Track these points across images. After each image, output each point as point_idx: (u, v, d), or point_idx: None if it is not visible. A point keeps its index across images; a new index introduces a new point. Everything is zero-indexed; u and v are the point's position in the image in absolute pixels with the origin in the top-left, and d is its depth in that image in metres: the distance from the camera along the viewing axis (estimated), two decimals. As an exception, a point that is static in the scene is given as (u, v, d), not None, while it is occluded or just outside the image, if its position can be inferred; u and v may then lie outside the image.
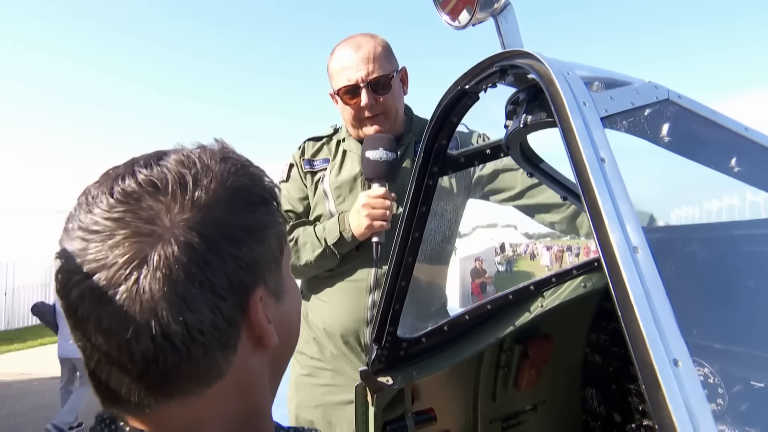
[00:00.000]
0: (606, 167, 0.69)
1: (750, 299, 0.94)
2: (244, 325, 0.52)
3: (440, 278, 2.03)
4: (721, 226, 1.10)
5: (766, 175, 0.90)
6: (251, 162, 0.58)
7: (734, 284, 0.98)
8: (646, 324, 0.58)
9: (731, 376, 0.87)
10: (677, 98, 0.85)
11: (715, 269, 1.05)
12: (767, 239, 1.02)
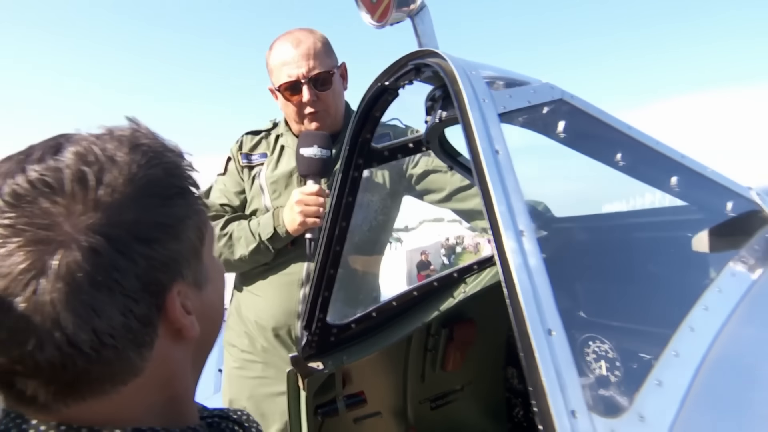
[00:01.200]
0: (500, 158, 0.74)
1: (642, 282, 1.02)
2: (161, 322, 0.50)
3: (374, 268, 2.06)
4: (615, 215, 1.20)
5: (645, 168, 0.98)
6: (167, 146, 0.54)
7: (629, 268, 1.06)
8: (525, 298, 0.63)
9: (626, 350, 0.95)
10: (570, 98, 0.92)
11: (612, 255, 1.13)
12: (655, 227, 1.11)
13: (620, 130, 0.95)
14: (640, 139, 0.96)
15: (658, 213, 1.08)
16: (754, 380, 0.70)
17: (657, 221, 1.08)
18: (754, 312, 0.80)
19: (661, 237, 1.08)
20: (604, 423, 0.59)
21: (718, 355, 0.73)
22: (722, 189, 1.01)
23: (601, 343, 0.99)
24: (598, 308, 0.95)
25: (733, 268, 0.87)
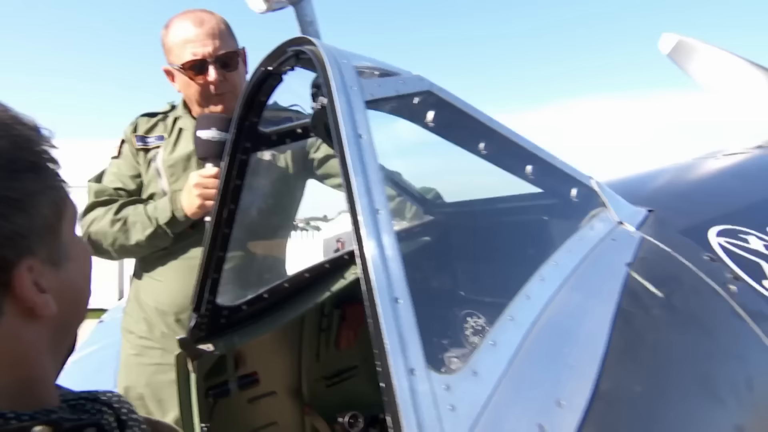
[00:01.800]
0: (362, 142, 0.78)
1: (501, 260, 1.11)
2: (8, 299, 0.48)
3: (276, 252, 2.05)
4: (486, 201, 1.30)
5: (505, 157, 1.07)
6: (19, 119, 0.51)
7: (493, 248, 1.15)
8: (375, 269, 0.67)
9: (478, 319, 1.04)
10: (438, 90, 0.98)
11: (480, 237, 1.22)
12: (515, 211, 1.22)
13: (483, 122, 1.03)
14: (500, 130, 1.05)
15: (519, 199, 1.19)
16: (571, 339, 0.80)
17: (517, 206, 1.19)
18: (582, 282, 0.92)
19: (519, 220, 1.18)
20: (440, 379, 0.65)
21: (548, 319, 0.82)
22: (568, 177, 1.13)
23: (472, 317, 1.08)
24: (471, 285, 1.03)
25: (570, 245, 0.99)
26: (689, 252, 1.08)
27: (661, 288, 0.97)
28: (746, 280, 1.07)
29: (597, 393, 0.74)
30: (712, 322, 0.97)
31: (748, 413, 0.86)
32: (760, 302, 1.03)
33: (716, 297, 1.01)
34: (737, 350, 0.94)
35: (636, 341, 0.86)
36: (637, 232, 1.11)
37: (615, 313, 0.88)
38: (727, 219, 1.25)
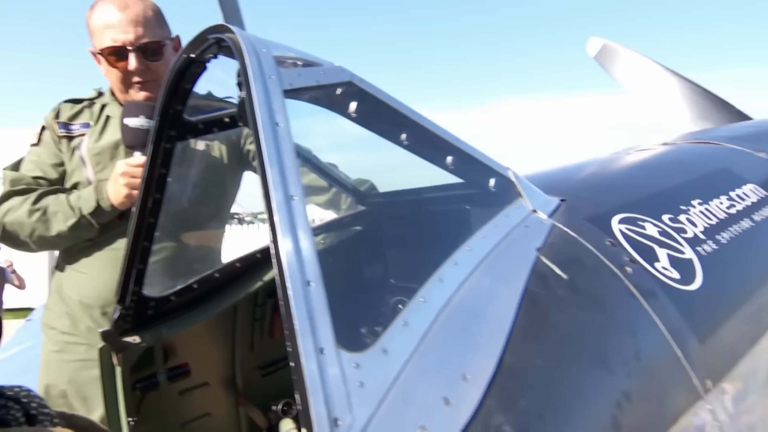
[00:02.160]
0: (279, 130, 0.78)
1: (424, 247, 1.14)
2: None
3: (210, 243, 2.01)
4: (413, 191, 1.33)
5: (426, 148, 1.11)
6: None
7: (419, 237, 1.18)
8: (287, 253, 0.68)
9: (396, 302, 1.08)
10: (359, 81, 1.00)
11: (408, 226, 1.25)
12: (439, 201, 1.26)
13: (405, 114, 1.06)
14: (421, 122, 1.08)
15: (441, 189, 1.23)
16: (480, 318, 0.85)
17: (439, 196, 1.23)
18: (493, 266, 0.97)
19: (440, 209, 1.23)
20: (350, 357, 0.68)
21: (459, 300, 0.86)
22: (487, 168, 1.18)
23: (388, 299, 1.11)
24: (390, 271, 1.06)
25: (485, 232, 1.03)
26: (593, 237, 1.16)
27: (566, 270, 1.04)
28: (641, 262, 1.16)
29: (501, 367, 0.79)
30: (609, 300, 1.05)
31: (635, 380, 0.94)
32: (651, 282, 1.13)
33: (614, 278, 1.09)
34: (629, 325, 1.03)
35: (540, 319, 0.92)
36: (548, 220, 1.18)
37: (522, 293, 0.93)
38: (629, 208, 1.34)
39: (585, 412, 0.84)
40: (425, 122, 1.09)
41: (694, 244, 1.33)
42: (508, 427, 0.74)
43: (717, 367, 1.09)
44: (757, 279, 1.41)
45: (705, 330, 1.14)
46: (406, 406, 0.68)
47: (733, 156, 2.01)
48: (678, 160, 1.96)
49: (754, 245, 1.49)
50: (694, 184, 1.66)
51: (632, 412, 0.90)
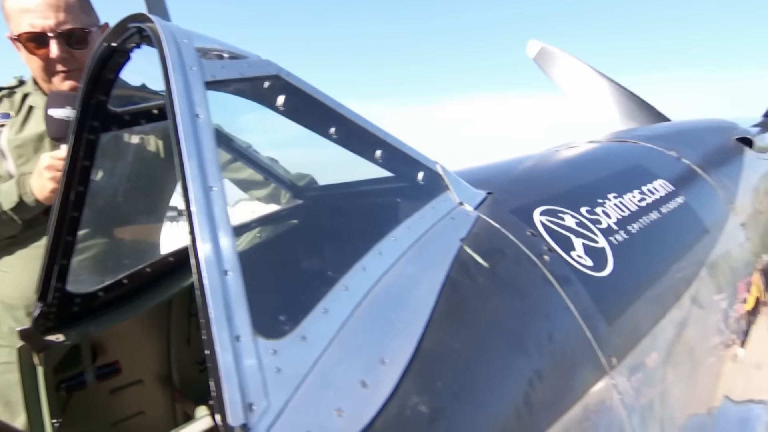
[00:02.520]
0: (199, 122, 0.78)
1: (355, 240, 1.15)
2: None
3: (146, 237, 1.95)
4: (347, 185, 1.35)
5: (356, 142, 1.12)
6: None
7: (347, 229, 1.20)
8: (203, 242, 0.68)
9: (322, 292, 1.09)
10: (286, 75, 1.00)
11: (336, 219, 1.26)
12: (368, 194, 1.28)
13: (333, 108, 1.07)
14: (349, 116, 1.09)
15: (371, 183, 1.25)
16: (401, 305, 0.88)
17: (369, 189, 1.25)
18: (417, 255, 1.00)
19: (369, 202, 1.25)
20: (267, 344, 0.68)
21: (381, 288, 0.89)
22: (415, 162, 1.21)
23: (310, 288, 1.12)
24: (317, 262, 1.07)
25: (410, 223, 1.07)
26: (515, 228, 1.22)
27: (487, 259, 1.09)
28: (558, 251, 1.23)
29: (419, 351, 0.82)
30: (526, 286, 1.11)
31: (547, 360, 1.00)
32: (566, 269, 1.20)
33: (532, 266, 1.15)
34: (544, 309, 1.09)
35: (459, 305, 0.96)
36: (474, 212, 1.23)
37: (444, 281, 0.97)
38: (551, 201, 1.42)
39: (499, 391, 0.89)
40: (354, 117, 1.10)
41: (607, 234, 1.42)
42: (424, 407, 0.77)
43: (622, 345, 1.18)
44: (661, 265, 1.52)
45: (613, 312, 1.22)
46: (324, 390, 0.70)
47: (647, 154, 2.16)
48: (599, 156, 2.08)
49: (660, 235, 1.61)
50: (611, 179, 1.77)
51: (543, 389, 0.96)
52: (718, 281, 1.79)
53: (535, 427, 0.90)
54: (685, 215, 1.85)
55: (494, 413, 0.86)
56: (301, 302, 0.78)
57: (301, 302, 0.78)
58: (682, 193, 1.93)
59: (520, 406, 0.90)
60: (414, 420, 0.75)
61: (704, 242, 1.83)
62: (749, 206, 2.37)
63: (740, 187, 2.38)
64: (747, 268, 2.14)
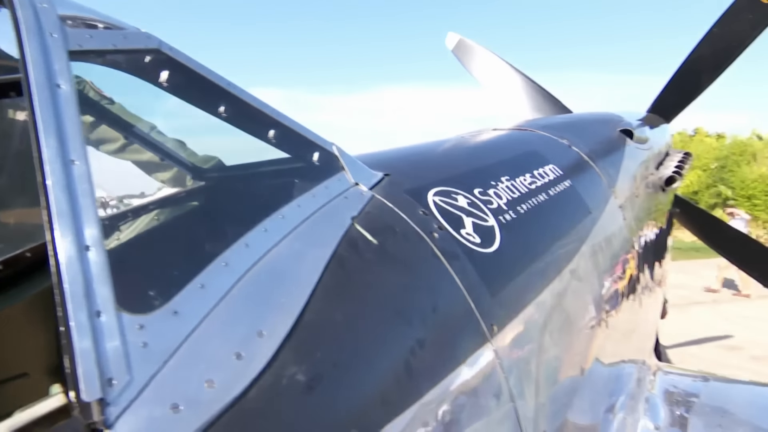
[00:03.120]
0: (60, 92, 0.73)
1: (246, 219, 1.13)
2: None
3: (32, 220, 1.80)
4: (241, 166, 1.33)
5: (250, 122, 1.11)
6: None
7: (239, 209, 1.17)
8: (60, 216, 0.65)
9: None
10: (169, 50, 0.96)
11: (229, 200, 1.22)
12: (263, 175, 1.27)
13: (221, 86, 1.04)
14: (240, 95, 1.07)
15: (265, 164, 1.24)
16: (284, 280, 0.89)
17: (264, 171, 1.24)
18: (306, 232, 1.01)
19: (264, 183, 1.24)
20: (132, 319, 0.67)
21: (265, 264, 0.89)
22: (311, 143, 1.22)
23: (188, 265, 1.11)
24: (201, 241, 1.03)
25: (300, 201, 1.07)
26: (407, 208, 1.27)
27: (377, 236, 1.12)
28: (448, 229, 1.30)
29: (299, 323, 0.84)
30: (414, 262, 1.16)
31: (429, 329, 1.06)
32: (454, 245, 1.27)
33: (422, 242, 1.21)
34: (430, 282, 1.15)
35: (345, 279, 0.99)
36: (369, 192, 1.26)
37: (330, 257, 0.99)
38: (446, 183, 1.49)
39: (379, 358, 0.93)
40: (245, 96, 1.09)
41: (497, 214, 1.52)
42: (302, 375, 0.79)
43: (504, 315, 1.27)
44: (545, 242, 1.65)
45: (497, 285, 1.31)
46: (195, 363, 0.70)
47: (542, 141, 2.31)
48: (497, 143, 2.20)
49: (546, 215, 1.75)
50: (506, 164, 1.88)
51: (424, 356, 1.01)
52: (597, 257, 1.98)
53: (414, 390, 0.95)
54: (570, 197, 2.01)
55: (373, 379, 0.90)
56: (175, 278, 0.76)
57: (176, 278, 0.76)
58: (569, 177, 2.10)
59: (400, 372, 0.94)
60: (290, 387, 0.77)
61: (586, 222, 2.01)
62: (628, 190, 2.63)
63: (621, 173, 2.62)
64: (624, 244, 2.37)
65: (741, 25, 3.73)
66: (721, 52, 3.91)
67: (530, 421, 1.24)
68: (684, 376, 2.83)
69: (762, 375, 7.26)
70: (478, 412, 1.10)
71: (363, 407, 0.85)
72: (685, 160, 3.93)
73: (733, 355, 8.12)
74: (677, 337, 8.39)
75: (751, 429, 2.16)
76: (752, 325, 9.30)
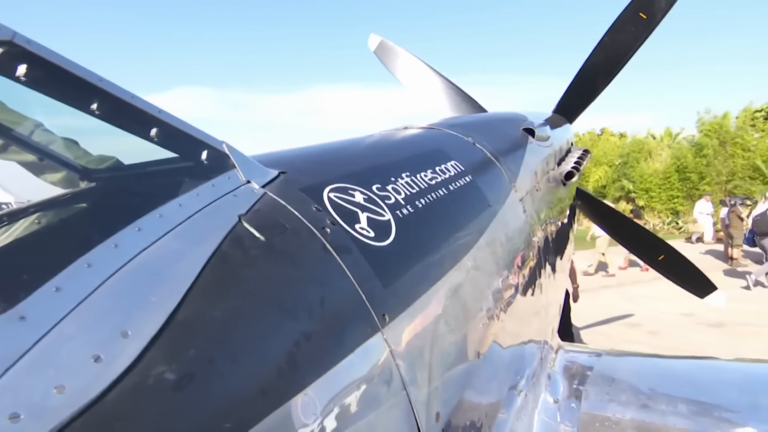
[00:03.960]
0: None
1: (120, 218, 1.07)
2: None
3: None
4: (125, 167, 1.26)
5: (124, 119, 1.06)
6: None
7: (120, 213, 1.11)
8: None
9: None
10: (26, 42, 0.90)
11: (113, 202, 1.16)
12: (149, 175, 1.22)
13: (91, 82, 0.99)
14: (114, 92, 1.02)
15: (156, 163, 1.20)
16: (157, 279, 0.86)
17: (151, 170, 1.19)
18: (186, 231, 0.99)
19: (149, 182, 1.20)
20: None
21: (137, 264, 0.86)
22: (198, 142, 1.19)
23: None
24: (66, 243, 0.97)
25: (182, 200, 1.05)
26: (300, 204, 1.27)
27: (265, 233, 1.12)
28: (341, 224, 1.32)
29: (171, 321, 0.82)
30: (303, 257, 1.17)
31: (317, 322, 1.07)
32: (347, 240, 1.29)
33: (313, 238, 1.22)
34: (320, 276, 1.16)
35: (227, 276, 0.98)
36: (260, 189, 1.25)
37: (211, 254, 0.98)
38: (344, 179, 1.51)
39: (260, 353, 0.93)
40: (122, 94, 1.04)
41: (394, 209, 1.56)
42: (171, 374, 0.77)
43: (396, 305, 1.31)
44: (442, 234, 1.72)
45: (390, 276, 1.35)
46: (42, 369, 0.66)
47: (447, 138, 2.40)
48: (403, 140, 2.26)
49: (444, 208, 1.82)
50: (408, 160, 1.93)
51: (311, 348, 1.02)
52: (495, 247, 2.09)
53: (298, 382, 0.96)
54: (470, 191, 2.11)
55: (253, 373, 0.89)
56: (24, 283, 0.72)
57: (25, 283, 0.72)
58: (471, 173, 2.20)
59: (282, 365, 0.95)
60: (157, 387, 0.75)
61: (486, 214, 2.11)
62: (528, 184, 2.80)
63: (522, 168, 2.78)
64: (524, 235, 2.52)
65: (626, 36, 4.09)
66: (612, 59, 4.26)
67: (423, 404, 1.29)
68: (581, 353, 3.06)
69: (656, 346, 8.04)
70: (368, 399, 1.13)
71: (240, 402, 0.84)
72: (583, 157, 4.25)
73: (634, 331, 8.90)
74: (588, 318, 9.06)
75: (632, 393, 2.38)
76: (650, 304, 10.24)
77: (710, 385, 2.33)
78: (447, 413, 1.42)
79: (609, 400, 2.43)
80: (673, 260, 4.95)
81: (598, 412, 2.40)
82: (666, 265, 5.00)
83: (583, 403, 2.47)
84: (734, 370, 2.56)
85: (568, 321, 7.34)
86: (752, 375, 2.42)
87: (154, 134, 1.11)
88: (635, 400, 2.37)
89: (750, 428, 2.03)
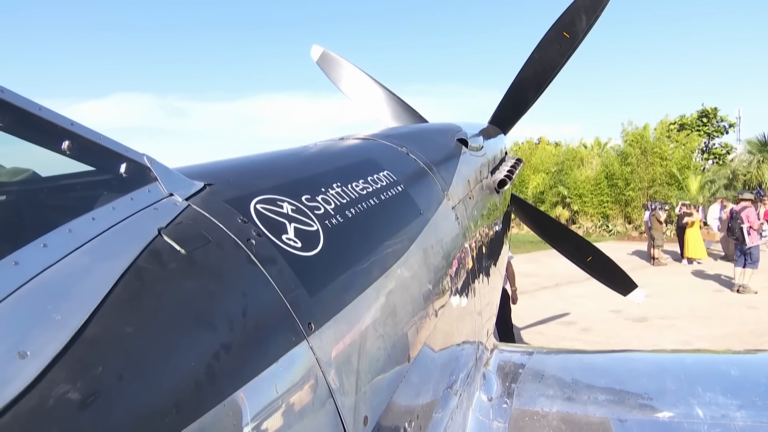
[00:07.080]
0: None
1: (23, 236, 1.03)
2: None
3: None
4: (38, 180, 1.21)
5: (30, 132, 1.02)
6: None
7: (19, 227, 1.06)
8: None
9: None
10: None
11: (20, 213, 1.11)
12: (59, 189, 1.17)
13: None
14: (15, 102, 0.98)
15: (70, 177, 1.15)
16: (62, 297, 0.83)
17: (67, 183, 1.15)
18: (98, 246, 0.96)
19: (62, 195, 1.15)
20: None
21: (39, 282, 0.83)
22: (115, 155, 1.15)
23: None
24: None
25: (96, 214, 1.02)
26: (225, 216, 1.26)
27: (186, 246, 1.10)
28: (268, 235, 1.32)
29: (77, 339, 0.80)
30: (226, 269, 1.16)
31: (237, 333, 1.06)
32: (273, 251, 1.29)
33: (237, 249, 1.21)
34: (243, 287, 1.16)
35: (141, 291, 0.96)
36: (183, 202, 1.23)
37: (125, 269, 0.95)
38: (272, 191, 1.51)
39: (174, 366, 0.91)
40: (27, 105, 1.00)
41: (323, 219, 1.58)
42: (75, 393, 0.75)
43: (322, 313, 1.33)
44: (372, 243, 1.76)
45: (317, 285, 1.36)
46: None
47: (381, 149, 2.45)
48: (336, 151, 2.29)
49: (375, 217, 1.86)
50: (340, 171, 1.96)
51: (232, 359, 1.02)
52: (427, 254, 2.15)
53: (217, 393, 0.95)
54: (402, 200, 2.16)
55: (167, 387, 0.88)
56: None
57: None
58: (403, 183, 2.26)
59: (200, 378, 0.94)
60: (59, 406, 0.73)
61: (417, 222, 2.17)
62: (461, 193, 2.90)
63: (455, 177, 2.88)
64: (457, 241, 2.61)
65: (553, 53, 4.35)
66: (541, 74, 4.51)
67: (350, 409, 1.31)
68: (515, 352, 3.20)
69: (588, 342, 8.48)
70: (293, 407, 1.14)
71: (151, 416, 0.83)
72: (516, 165, 4.46)
73: (569, 329, 9.35)
74: (527, 318, 9.42)
75: (559, 387, 2.52)
76: (583, 303, 10.81)
77: (625, 375, 2.50)
78: (376, 416, 1.44)
79: (538, 395, 2.56)
80: (599, 261, 5.28)
81: (527, 407, 2.52)
82: (593, 265, 5.32)
83: (515, 400, 2.59)
84: (646, 360, 2.77)
85: (509, 322, 7.62)
86: (660, 364, 2.62)
87: (65, 147, 1.07)
88: (561, 393, 2.51)
89: (657, 411, 2.20)
